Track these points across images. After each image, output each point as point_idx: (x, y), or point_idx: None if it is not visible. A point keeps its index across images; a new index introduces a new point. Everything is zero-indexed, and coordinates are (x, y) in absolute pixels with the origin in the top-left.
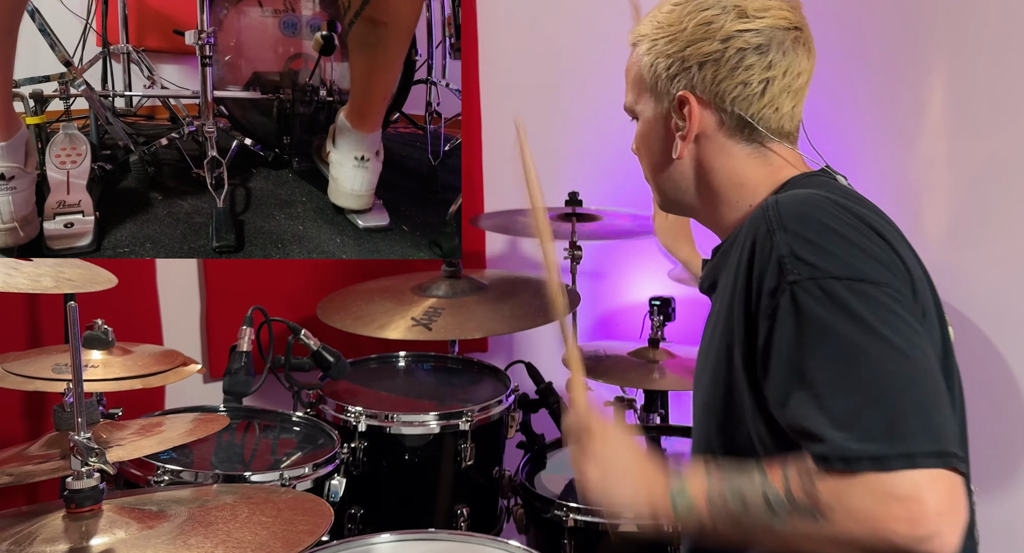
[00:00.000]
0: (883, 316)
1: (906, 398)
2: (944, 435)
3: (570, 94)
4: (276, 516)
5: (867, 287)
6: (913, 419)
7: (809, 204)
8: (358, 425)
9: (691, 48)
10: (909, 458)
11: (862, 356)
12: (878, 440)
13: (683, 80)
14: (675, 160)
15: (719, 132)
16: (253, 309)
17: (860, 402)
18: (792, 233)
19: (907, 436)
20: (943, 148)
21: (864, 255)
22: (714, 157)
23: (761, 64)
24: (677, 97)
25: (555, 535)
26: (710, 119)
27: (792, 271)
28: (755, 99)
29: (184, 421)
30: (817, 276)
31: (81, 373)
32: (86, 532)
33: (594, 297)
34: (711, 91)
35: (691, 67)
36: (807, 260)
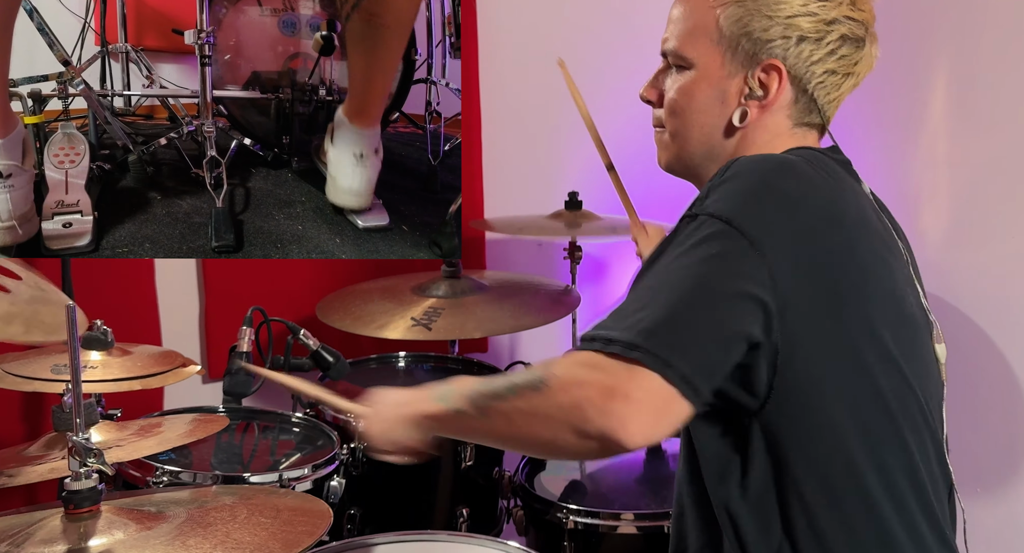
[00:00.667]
0: (717, 251)
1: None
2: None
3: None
4: (275, 517)
5: (717, 223)
6: (664, 328)
7: (758, 164)
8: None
9: (801, 19)
10: (634, 349)
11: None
12: (622, 329)
13: (778, 48)
14: (735, 126)
15: (785, 109)
16: (252, 309)
17: (632, 304)
18: (719, 182)
19: (646, 335)
20: (944, 148)
21: (761, 212)
22: (762, 131)
23: (852, 58)
24: (766, 63)
25: (555, 537)
26: (787, 94)
27: (691, 206)
28: (833, 89)
29: (183, 422)
30: (700, 212)
31: (80, 374)
32: (84, 533)
33: (595, 297)
34: (802, 68)
35: (791, 37)
36: (707, 201)
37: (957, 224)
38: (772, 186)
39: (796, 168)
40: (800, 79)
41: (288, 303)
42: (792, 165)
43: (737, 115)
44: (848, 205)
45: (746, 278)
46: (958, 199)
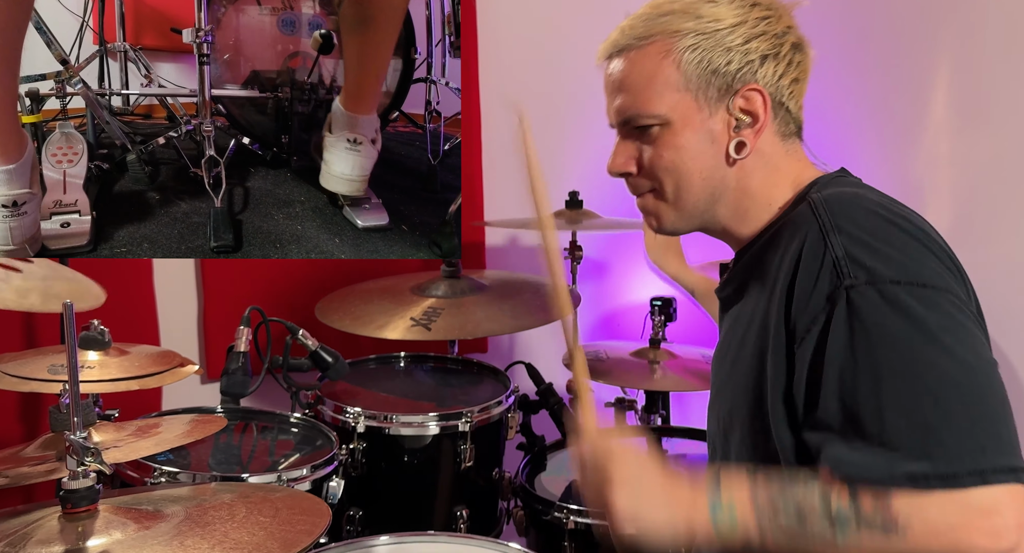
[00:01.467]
0: (946, 324)
1: (974, 413)
2: (1013, 448)
3: (571, 92)
4: (274, 516)
5: (929, 292)
6: (982, 434)
7: (860, 203)
8: (357, 426)
9: (756, 41)
10: (980, 475)
11: (928, 369)
12: (949, 459)
13: (748, 73)
14: (735, 159)
15: (769, 128)
16: (251, 309)
17: (927, 419)
18: (847, 234)
19: (977, 452)
20: (946, 147)
21: (923, 257)
22: (758, 156)
23: (804, 63)
24: (744, 90)
25: (555, 537)
26: (769, 115)
27: (848, 274)
28: (799, 96)
29: (181, 422)
30: (876, 280)
31: (77, 373)
32: (82, 533)
33: (595, 297)
34: (774, 85)
35: (754, 60)
36: (864, 263)
37: (959, 223)
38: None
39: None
40: (774, 95)
41: (287, 303)
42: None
43: (733, 147)
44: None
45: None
46: (960, 198)
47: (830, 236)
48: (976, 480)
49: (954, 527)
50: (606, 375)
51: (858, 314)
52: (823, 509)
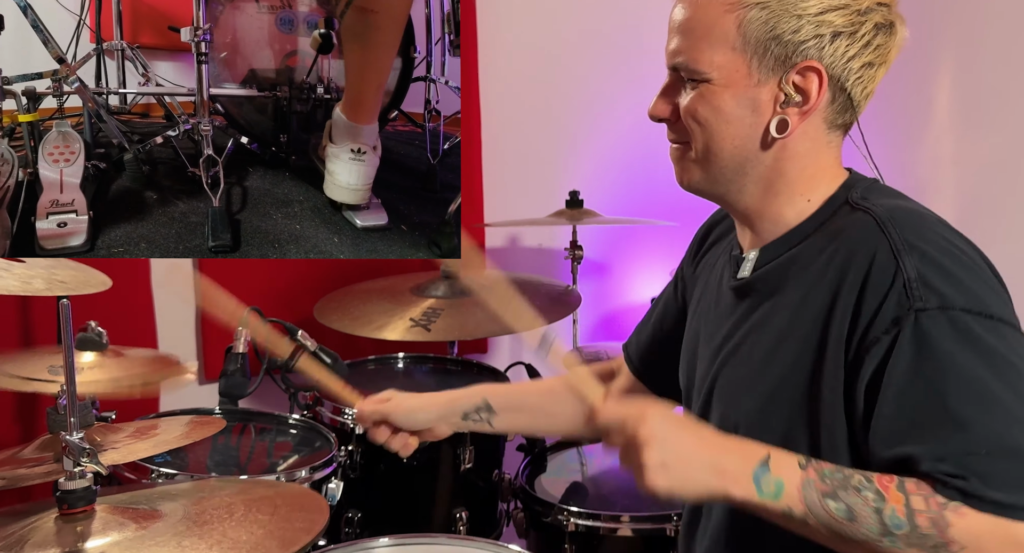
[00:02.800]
0: (1012, 359)
1: None
2: None
3: (571, 91)
4: (272, 514)
5: (997, 325)
6: None
7: (928, 225)
8: (356, 427)
9: (830, 14)
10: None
11: (995, 402)
12: (1012, 489)
13: (812, 48)
14: (773, 138)
15: (823, 112)
16: (249, 310)
17: (994, 449)
18: (921, 255)
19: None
20: (950, 146)
21: (989, 289)
22: (802, 139)
23: (886, 46)
24: (802, 65)
25: (555, 539)
26: (826, 97)
27: (920, 298)
28: (869, 83)
29: (179, 424)
30: (947, 306)
31: (74, 373)
32: (79, 534)
33: (596, 297)
34: (840, 66)
35: (824, 35)
36: (937, 288)
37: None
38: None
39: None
40: (838, 78)
41: (285, 303)
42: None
43: (775, 124)
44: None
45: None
46: (963, 198)
47: (902, 255)
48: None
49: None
50: None
51: (927, 339)
52: (876, 514)
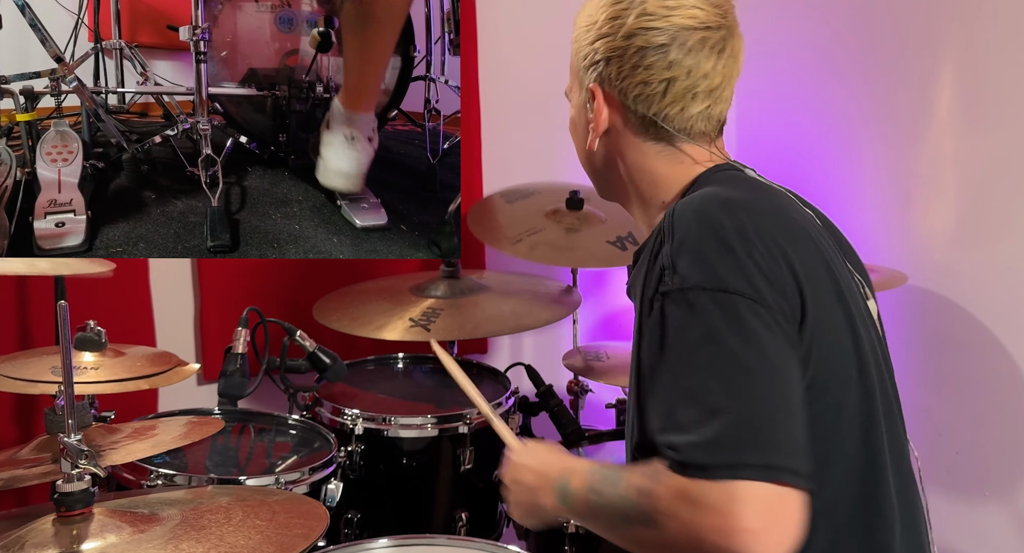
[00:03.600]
0: (737, 328)
1: (741, 410)
2: (777, 448)
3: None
4: (271, 519)
5: (730, 297)
6: (745, 431)
7: (699, 211)
8: (355, 428)
9: (600, 42)
10: (731, 469)
11: (706, 367)
12: (707, 449)
13: (593, 73)
14: (593, 153)
15: (626, 129)
16: (248, 310)
17: (696, 412)
18: (677, 242)
19: (733, 446)
20: (951, 146)
21: (736, 265)
22: (626, 152)
23: (661, 64)
24: (588, 89)
25: (556, 541)
26: (616, 115)
27: (667, 281)
28: (656, 99)
29: (178, 424)
30: (684, 286)
31: (71, 374)
32: (77, 536)
33: (596, 298)
34: (616, 87)
35: (599, 61)
36: (680, 270)
37: (965, 223)
38: (728, 229)
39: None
40: (618, 97)
41: (285, 304)
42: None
43: (587, 141)
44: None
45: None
46: (964, 197)
47: (664, 245)
48: (727, 473)
49: (692, 522)
50: (606, 375)
51: (665, 318)
52: (619, 497)
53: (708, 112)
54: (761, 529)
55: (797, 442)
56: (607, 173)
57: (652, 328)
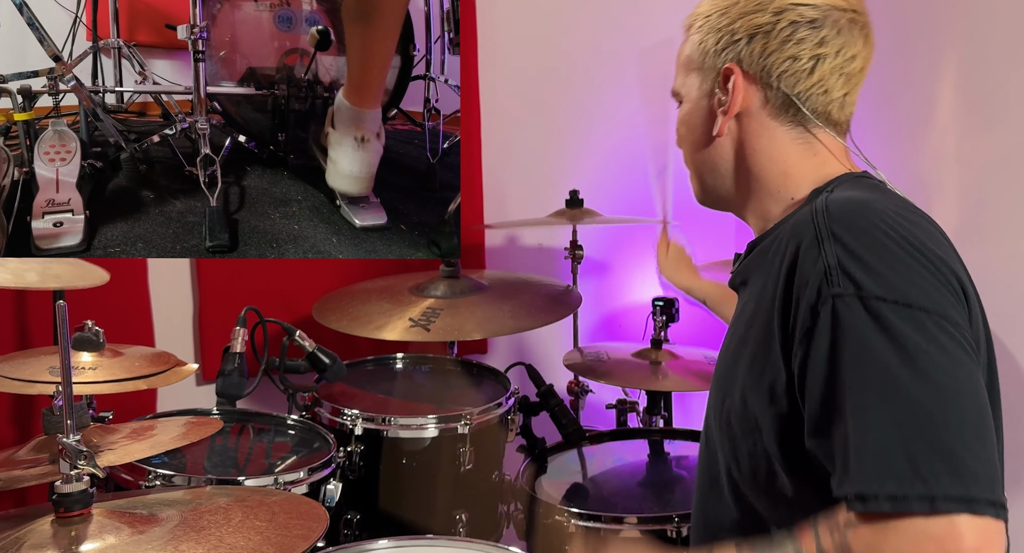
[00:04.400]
0: (926, 347)
1: (937, 439)
2: (974, 478)
3: (571, 90)
4: (270, 520)
5: (915, 313)
6: (940, 461)
7: (863, 213)
8: (354, 428)
9: (742, 20)
10: (930, 501)
11: (897, 390)
12: (901, 480)
13: (731, 53)
14: (715, 138)
15: (763, 110)
16: (247, 310)
17: (888, 439)
18: (841, 243)
19: (930, 478)
20: (953, 145)
21: (916, 277)
22: (757, 137)
23: (813, 39)
24: (722, 70)
25: (556, 541)
26: (755, 95)
27: (837, 284)
28: (803, 76)
29: (176, 425)
30: (863, 294)
31: (70, 374)
32: (75, 537)
33: (596, 298)
34: (758, 64)
35: (740, 40)
36: (854, 275)
37: (966, 221)
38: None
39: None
40: (759, 76)
41: (284, 304)
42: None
43: (717, 126)
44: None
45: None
46: (967, 196)
47: (824, 244)
48: (925, 506)
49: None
50: (607, 376)
51: (841, 325)
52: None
53: (844, 100)
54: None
55: (993, 471)
56: (724, 166)
57: (822, 335)
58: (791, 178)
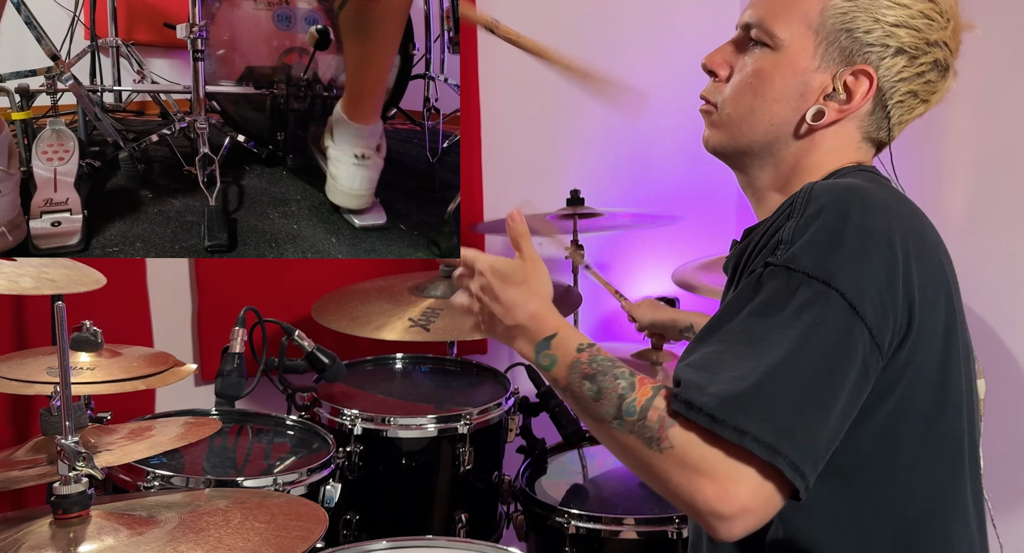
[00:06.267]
0: (820, 322)
1: (779, 392)
2: (789, 438)
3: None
4: (269, 521)
5: (831, 293)
6: (768, 409)
7: (836, 196)
8: (354, 428)
9: (905, 30)
10: (741, 433)
11: (771, 345)
12: (726, 405)
13: (873, 54)
14: (807, 124)
15: (858, 119)
16: (246, 310)
17: (736, 373)
18: (804, 222)
19: (753, 417)
20: (956, 143)
21: (851, 264)
22: (833, 137)
23: (935, 86)
24: (859, 67)
25: (556, 542)
26: (867, 106)
27: (778, 254)
28: (907, 112)
29: (175, 425)
30: (792, 266)
31: (68, 375)
32: (73, 539)
33: (597, 297)
34: (891, 82)
35: (890, 46)
36: (794, 249)
37: (969, 220)
38: (860, 227)
39: (874, 199)
40: (884, 92)
41: (283, 304)
42: (870, 196)
43: (811, 113)
44: (926, 229)
45: (851, 348)
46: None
47: (790, 221)
48: (734, 435)
49: (696, 469)
50: None
51: (760, 286)
52: (618, 398)
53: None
54: (751, 511)
55: (818, 445)
56: (779, 143)
57: (742, 291)
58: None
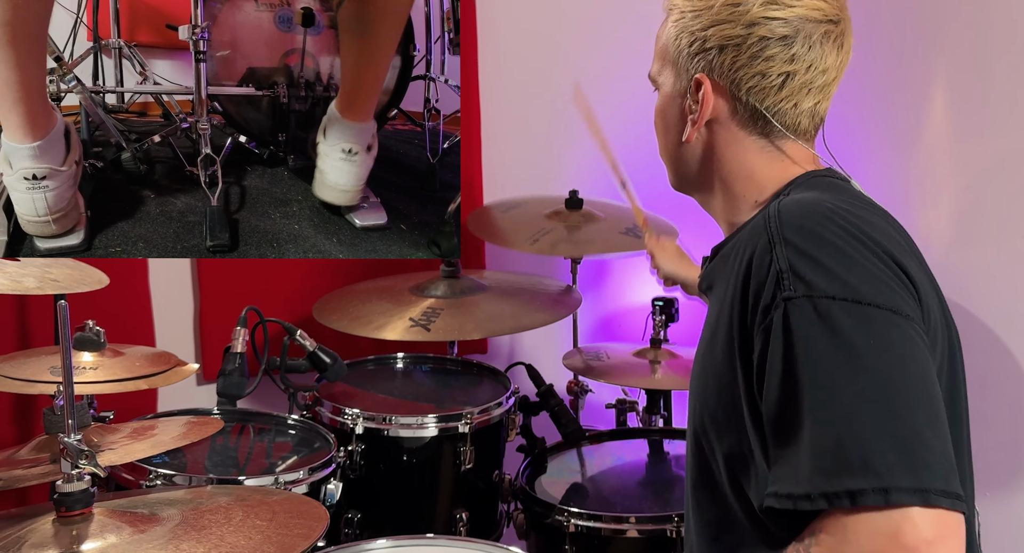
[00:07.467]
0: (875, 342)
1: (887, 432)
2: (927, 469)
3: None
4: (271, 519)
5: (865, 310)
6: (891, 452)
7: (811, 214)
8: (355, 428)
9: (714, 28)
10: (884, 493)
11: (846, 388)
12: (855, 475)
13: (702, 61)
14: (685, 144)
15: (731, 121)
16: (248, 309)
17: (841, 436)
18: (792, 246)
19: (883, 470)
20: (948, 148)
21: (866, 274)
22: (725, 146)
23: (783, 56)
24: (694, 79)
25: (556, 541)
26: (723, 106)
27: (788, 287)
28: (772, 92)
29: (177, 424)
30: (812, 294)
31: (71, 374)
32: (76, 536)
33: (596, 298)
34: (728, 77)
35: (711, 49)
36: (804, 276)
37: (963, 224)
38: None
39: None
40: (729, 88)
41: (284, 303)
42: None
43: (685, 132)
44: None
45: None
46: (963, 199)
47: (776, 248)
48: (879, 498)
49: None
50: (607, 375)
51: (791, 327)
52: None
53: (815, 109)
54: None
55: (946, 461)
56: (695, 166)
57: (776, 338)
58: (755, 183)
